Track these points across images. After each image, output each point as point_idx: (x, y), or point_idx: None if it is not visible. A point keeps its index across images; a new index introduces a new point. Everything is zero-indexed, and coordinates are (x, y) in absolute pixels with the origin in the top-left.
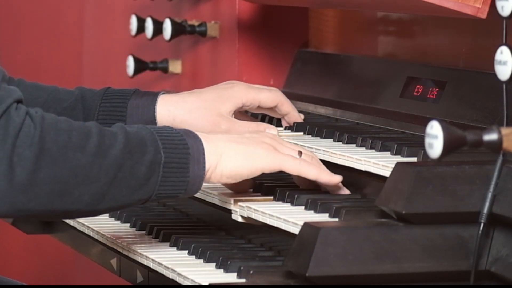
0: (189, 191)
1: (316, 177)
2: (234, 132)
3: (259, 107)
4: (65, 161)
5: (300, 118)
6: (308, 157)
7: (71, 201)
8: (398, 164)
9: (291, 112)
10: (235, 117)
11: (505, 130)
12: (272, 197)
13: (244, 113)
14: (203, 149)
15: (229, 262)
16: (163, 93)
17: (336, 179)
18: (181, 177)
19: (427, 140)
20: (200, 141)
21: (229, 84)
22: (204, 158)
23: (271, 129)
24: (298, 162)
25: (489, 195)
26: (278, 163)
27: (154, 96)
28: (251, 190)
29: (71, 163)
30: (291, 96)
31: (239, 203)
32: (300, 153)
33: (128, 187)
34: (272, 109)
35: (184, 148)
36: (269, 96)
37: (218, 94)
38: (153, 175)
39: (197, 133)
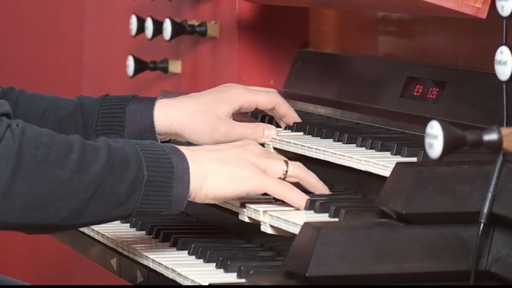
0: (172, 209)
1: (299, 205)
2: (234, 134)
3: (256, 109)
4: (43, 176)
5: (298, 118)
6: (295, 167)
7: (47, 216)
8: (398, 164)
9: (289, 113)
10: (233, 119)
11: (505, 130)
12: (272, 197)
13: (243, 114)
14: (188, 169)
15: (229, 262)
16: (161, 98)
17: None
18: (163, 196)
19: (427, 140)
20: (186, 160)
21: (226, 87)
22: (189, 178)
23: (271, 129)
24: (283, 189)
25: (489, 195)
26: (263, 187)
27: (152, 101)
28: None
29: (49, 178)
30: (291, 96)
31: (247, 205)
32: (287, 162)
33: (107, 204)
34: (270, 110)
35: (168, 167)
36: (266, 99)
37: (216, 97)
38: (134, 192)
39: (183, 150)
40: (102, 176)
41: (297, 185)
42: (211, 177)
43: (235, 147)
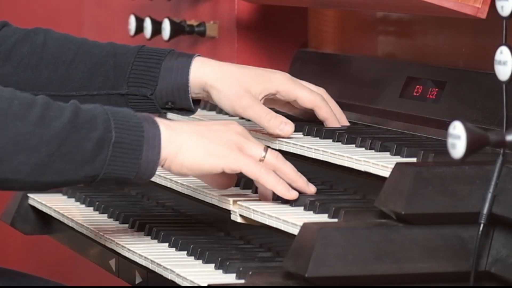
0: (141, 175)
1: (273, 188)
2: (252, 112)
3: (296, 102)
4: (3, 129)
5: (339, 124)
6: (273, 156)
7: (10, 169)
8: (398, 164)
9: (330, 119)
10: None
11: None
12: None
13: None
14: (159, 135)
15: (228, 263)
16: (198, 55)
17: (292, 195)
18: (132, 159)
19: (450, 141)
20: (158, 127)
21: (273, 70)
22: (160, 143)
23: (288, 125)
24: (258, 169)
25: (489, 195)
26: (239, 165)
27: (188, 57)
28: (251, 191)
29: (9, 131)
30: None
31: (238, 203)
32: (266, 149)
33: (72, 162)
34: (310, 110)
35: (138, 130)
36: (307, 96)
37: (257, 73)
38: (101, 153)
39: (158, 120)
40: (66, 132)
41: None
42: (188, 146)
43: (217, 124)
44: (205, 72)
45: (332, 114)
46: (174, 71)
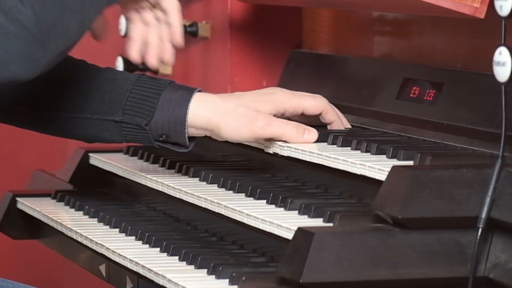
0: None
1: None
2: (273, 129)
3: (302, 114)
4: (53, 1)
5: (343, 126)
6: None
7: (69, 36)
8: (394, 167)
9: (336, 121)
10: None
11: None
12: (265, 201)
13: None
14: None
15: (221, 268)
16: (199, 90)
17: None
18: None
19: None
20: None
21: (271, 90)
22: None
23: (312, 133)
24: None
25: (488, 199)
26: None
27: (189, 92)
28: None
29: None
30: None
31: (231, 207)
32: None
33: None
34: (316, 116)
35: None
36: (313, 104)
37: (260, 97)
38: None
39: None
40: None
41: None
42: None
43: None
44: (207, 108)
45: (338, 117)
46: (173, 104)
